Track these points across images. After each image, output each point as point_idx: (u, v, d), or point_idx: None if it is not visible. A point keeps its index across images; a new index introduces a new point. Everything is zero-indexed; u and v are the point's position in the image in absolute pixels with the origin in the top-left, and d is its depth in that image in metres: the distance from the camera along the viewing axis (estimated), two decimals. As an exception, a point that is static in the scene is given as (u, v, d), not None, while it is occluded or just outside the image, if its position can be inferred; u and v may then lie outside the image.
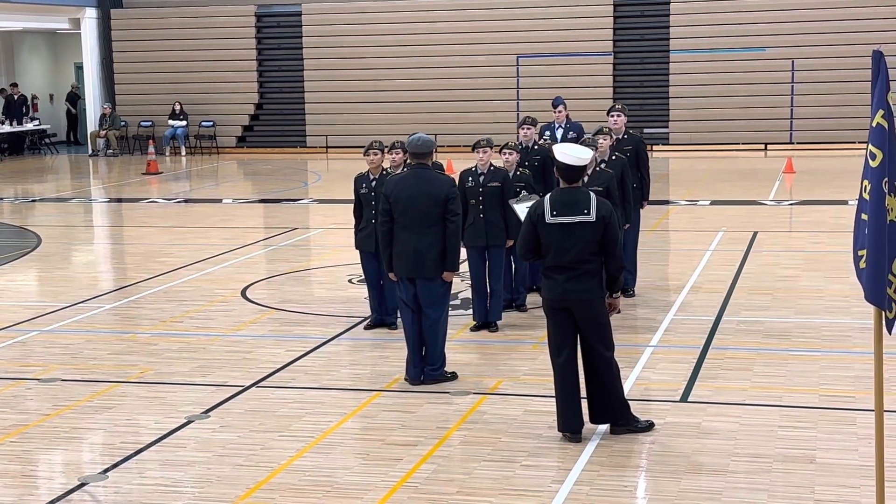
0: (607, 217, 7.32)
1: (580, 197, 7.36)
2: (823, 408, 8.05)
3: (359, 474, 7.00)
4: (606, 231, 7.32)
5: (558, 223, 7.33)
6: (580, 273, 7.32)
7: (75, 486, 6.91)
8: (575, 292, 7.33)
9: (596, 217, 7.30)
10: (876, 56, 5.48)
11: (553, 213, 7.35)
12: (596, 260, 7.37)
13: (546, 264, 7.48)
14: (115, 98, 31.99)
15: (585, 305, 7.36)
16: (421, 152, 8.81)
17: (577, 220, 7.30)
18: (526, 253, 7.58)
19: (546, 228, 7.36)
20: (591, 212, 7.30)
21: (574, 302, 7.36)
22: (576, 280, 7.33)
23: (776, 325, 10.49)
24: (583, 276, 7.32)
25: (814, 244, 14.87)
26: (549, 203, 7.40)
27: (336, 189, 22.59)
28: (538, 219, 7.40)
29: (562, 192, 7.42)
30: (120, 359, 9.87)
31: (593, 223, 7.30)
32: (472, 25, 29.84)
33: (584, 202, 7.33)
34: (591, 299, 7.37)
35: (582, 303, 7.35)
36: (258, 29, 31.57)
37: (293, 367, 9.47)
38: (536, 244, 7.46)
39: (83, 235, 18.38)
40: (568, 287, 7.34)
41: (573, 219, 7.30)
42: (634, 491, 6.73)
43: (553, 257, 7.39)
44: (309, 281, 13.54)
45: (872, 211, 5.43)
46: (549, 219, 7.35)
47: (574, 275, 7.33)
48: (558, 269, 7.37)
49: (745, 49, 28.37)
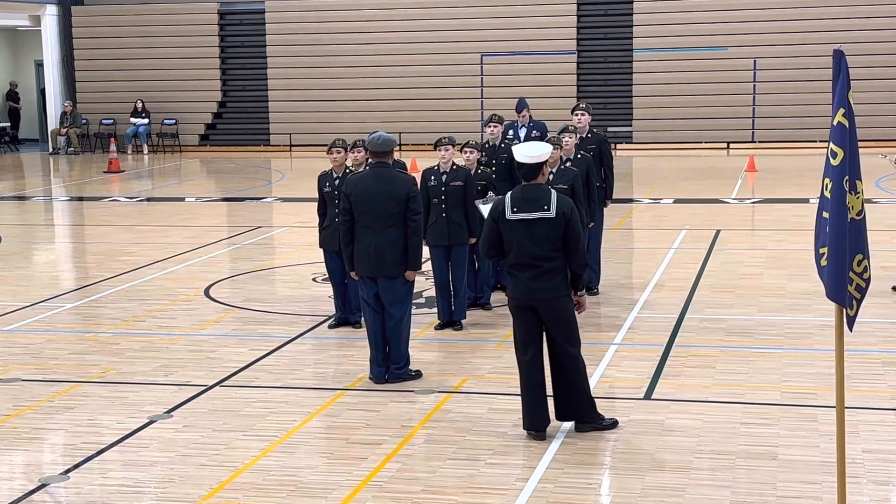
0: (568, 213, 7.29)
1: (540, 193, 7.34)
2: (785, 405, 8.11)
3: (323, 473, 6.98)
4: (567, 227, 7.28)
5: (518, 220, 7.30)
6: (544, 271, 7.29)
7: (36, 487, 6.84)
8: (539, 291, 7.31)
9: (556, 213, 7.26)
10: (837, 55, 5.51)
11: (513, 209, 7.32)
12: (559, 257, 7.33)
13: (509, 262, 7.45)
14: (76, 95, 31.75)
15: (550, 304, 7.33)
16: (381, 151, 8.79)
17: (538, 216, 7.27)
18: (488, 251, 7.53)
19: (507, 225, 7.34)
20: (552, 208, 7.27)
21: (539, 300, 7.33)
22: (540, 278, 7.30)
23: (739, 323, 10.55)
24: (546, 274, 7.29)
25: (776, 242, 14.98)
26: (510, 200, 7.38)
27: (300, 187, 22.51)
28: (499, 216, 7.38)
29: (522, 189, 7.39)
30: (81, 358, 9.79)
31: (553, 219, 7.26)
32: (436, 24, 29.85)
33: (545, 198, 7.31)
34: (556, 297, 7.34)
35: (547, 301, 7.32)
36: (221, 26, 31.42)
37: (257, 366, 9.42)
38: (498, 242, 7.43)
39: (44, 234, 18.21)
40: (532, 285, 7.31)
41: (533, 215, 7.28)
42: (599, 488, 6.75)
43: (515, 255, 7.36)
44: (273, 280, 13.49)
45: (833, 209, 5.47)
46: (510, 215, 7.32)
47: (537, 272, 7.30)
48: (521, 267, 7.35)
49: (707, 48, 28.53)
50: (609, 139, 12.42)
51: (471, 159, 10.79)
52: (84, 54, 31.77)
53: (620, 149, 27.89)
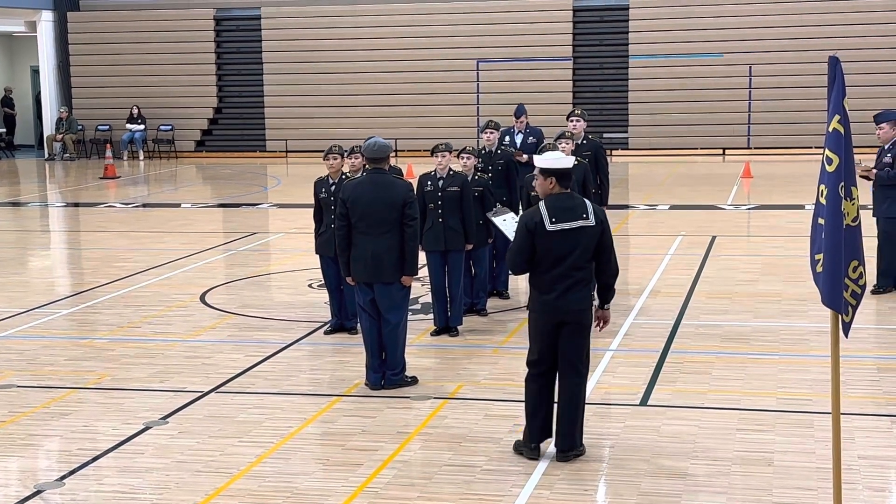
0: (604, 220, 7.17)
1: (576, 202, 7.15)
2: (781, 411, 8.11)
3: (319, 480, 6.97)
4: (604, 235, 7.15)
5: (560, 230, 7.04)
6: (576, 281, 7.09)
7: (31, 493, 6.83)
8: (572, 302, 7.08)
9: (595, 221, 7.10)
10: (832, 62, 5.53)
11: (553, 220, 7.04)
12: (588, 267, 7.15)
13: (541, 275, 7.13)
14: (71, 101, 31.72)
15: (580, 315, 7.12)
16: (377, 157, 8.80)
17: (578, 224, 7.07)
18: (521, 264, 7.19)
19: (546, 237, 7.04)
20: (590, 216, 7.10)
21: (570, 312, 7.10)
22: (573, 289, 7.08)
23: (734, 329, 10.56)
24: (579, 284, 7.10)
25: (771, 248, 14.99)
26: (547, 210, 7.08)
27: (296, 193, 22.50)
28: (536, 227, 7.05)
29: (557, 199, 7.13)
30: (77, 364, 9.78)
31: (593, 227, 7.09)
32: (432, 30, 29.86)
33: (581, 207, 7.12)
34: (587, 308, 7.17)
35: (578, 313, 7.10)
36: (217, 32, 31.41)
37: (252, 372, 9.42)
38: (532, 255, 7.12)
39: (39, 240, 18.19)
40: (566, 298, 7.07)
41: (573, 224, 7.06)
42: (594, 495, 6.75)
43: (551, 267, 7.08)
44: (268, 286, 13.48)
45: (829, 215, 5.48)
46: (550, 226, 7.03)
47: (568, 284, 7.08)
48: (556, 280, 7.08)
49: (703, 55, 28.56)
50: (605, 145, 12.42)
51: (468, 165, 10.80)
52: (80, 60, 31.75)
53: (616, 155, 27.90)
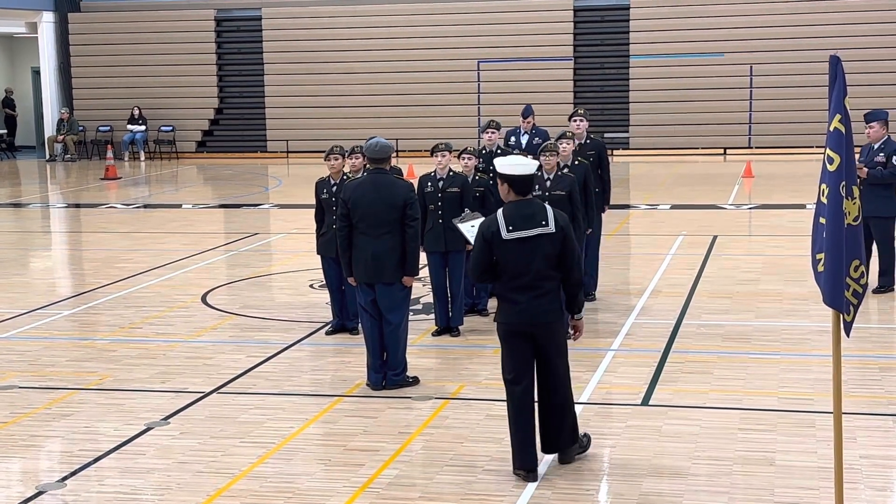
0: (566, 228, 6.86)
1: (536, 208, 6.88)
2: (783, 410, 8.11)
3: (320, 480, 6.97)
4: (565, 243, 6.85)
5: (516, 238, 6.79)
6: (544, 291, 6.83)
7: (33, 494, 6.84)
8: (541, 314, 6.83)
9: (555, 228, 6.81)
10: (833, 61, 5.53)
11: (509, 228, 6.80)
12: (556, 276, 6.88)
13: (501, 285, 6.92)
14: (72, 102, 31.73)
15: (551, 327, 6.89)
16: (378, 157, 8.80)
17: (536, 232, 6.80)
18: (481, 275, 6.97)
19: (503, 246, 6.80)
20: (550, 223, 6.82)
21: (539, 325, 6.85)
22: (540, 300, 6.83)
23: (736, 329, 10.56)
24: (547, 295, 6.84)
25: (773, 248, 14.98)
26: (504, 218, 6.84)
27: (297, 194, 22.51)
28: (492, 236, 6.82)
29: (516, 206, 6.87)
30: (78, 365, 9.78)
31: (553, 234, 6.80)
32: (432, 30, 29.87)
33: (541, 213, 6.85)
34: (558, 320, 6.91)
35: (548, 325, 6.87)
36: (218, 33, 31.41)
37: (254, 372, 9.42)
38: (492, 265, 6.90)
39: (41, 241, 18.20)
40: (533, 308, 6.82)
41: (532, 232, 6.79)
42: (596, 494, 6.75)
43: (512, 276, 6.84)
44: (270, 286, 13.49)
45: (830, 214, 5.48)
46: (506, 235, 6.80)
47: (536, 294, 6.81)
48: (519, 290, 6.83)
49: (704, 54, 28.56)
50: (606, 145, 12.42)
51: (468, 166, 10.79)
52: (81, 61, 31.76)
53: (617, 155, 27.90)
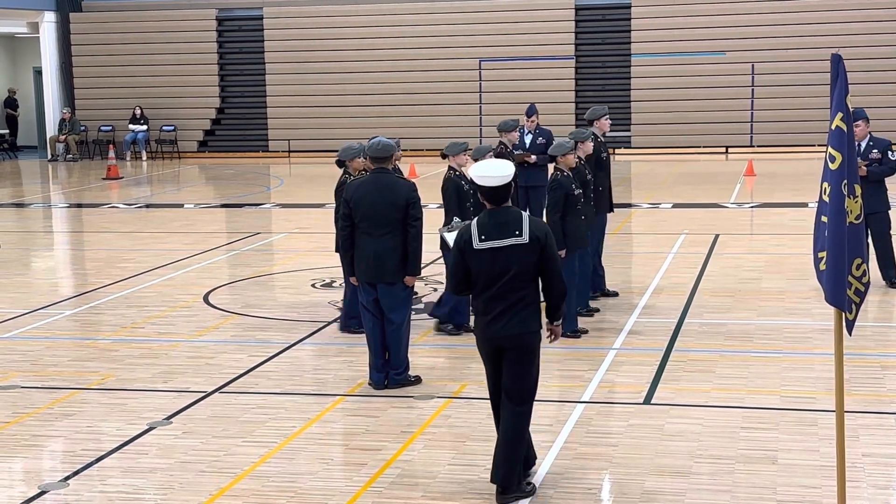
0: (542, 237, 6.48)
1: (510, 217, 6.49)
2: (785, 409, 8.11)
3: (323, 479, 6.97)
4: (543, 253, 6.46)
5: (488, 248, 6.46)
6: (513, 303, 6.47)
7: (35, 494, 6.84)
8: (508, 326, 6.48)
9: (529, 238, 6.44)
10: (835, 59, 5.52)
11: (481, 237, 6.48)
12: (530, 288, 6.52)
13: (475, 296, 6.63)
14: (74, 102, 31.73)
15: (518, 340, 6.50)
16: (381, 156, 8.80)
17: (509, 243, 6.44)
18: (457, 285, 6.66)
19: (475, 256, 6.48)
20: (524, 233, 6.45)
21: (506, 337, 6.50)
22: (509, 311, 6.48)
23: (738, 327, 10.55)
24: (516, 306, 6.47)
25: (775, 246, 14.98)
26: (477, 227, 6.52)
27: (298, 193, 22.52)
28: (465, 245, 6.52)
29: (489, 214, 6.53)
30: (80, 365, 9.78)
31: (526, 245, 6.44)
32: (434, 29, 29.86)
33: (516, 223, 6.47)
34: (526, 332, 6.52)
35: (515, 337, 6.49)
36: (219, 33, 31.41)
37: (256, 372, 9.42)
38: (467, 275, 6.57)
39: (43, 241, 18.21)
40: (501, 321, 6.49)
41: (504, 242, 6.44)
42: (598, 493, 6.75)
43: (484, 287, 6.52)
44: (272, 286, 13.49)
45: (832, 213, 5.48)
46: (478, 244, 6.47)
47: (507, 305, 6.47)
48: (491, 301, 6.51)
49: (705, 53, 28.54)
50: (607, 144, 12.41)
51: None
52: (82, 61, 31.77)
53: (619, 154, 27.88)
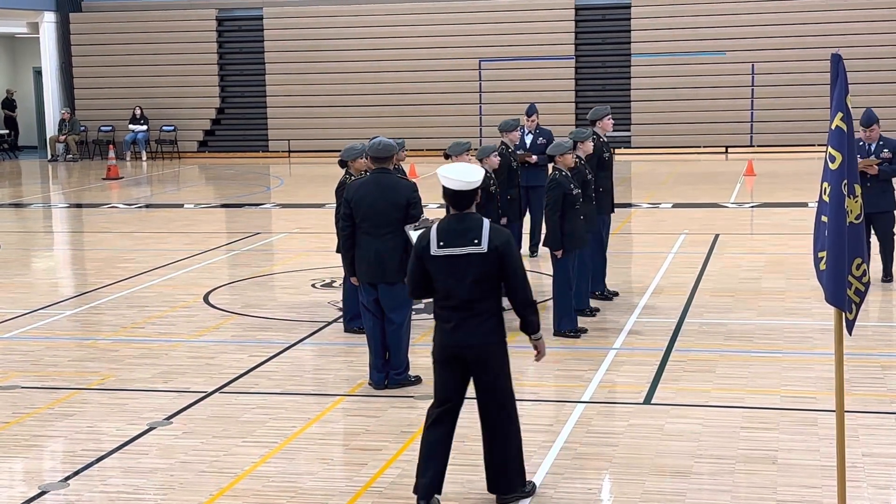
0: (502, 247, 6.23)
1: (471, 224, 6.28)
2: (785, 409, 8.11)
3: (323, 479, 6.97)
4: (503, 263, 6.24)
5: (445, 255, 6.27)
6: (473, 314, 6.27)
7: (35, 494, 6.84)
8: (467, 337, 6.28)
9: (488, 247, 6.22)
10: (835, 59, 5.52)
11: (440, 243, 6.29)
12: (492, 299, 6.30)
13: (434, 304, 6.46)
14: (74, 102, 31.73)
15: (479, 352, 6.31)
16: (382, 156, 8.80)
17: (466, 251, 6.24)
18: (414, 290, 6.54)
19: (432, 262, 6.30)
20: (483, 241, 6.23)
21: (466, 348, 6.30)
22: (468, 322, 6.27)
23: (738, 327, 10.55)
24: (476, 318, 6.27)
25: (775, 246, 14.98)
26: (436, 232, 6.33)
27: (298, 193, 22.52)
28: (423, 251, 6.35)
29: (449, 220, 6.35)
30: (80, 365, 9.78)
31: (484, 255, 6.22)
32: (434, 29, 29.86)
33: (475, 230, 6.25)
34: (486, 344, 6.31)
35: (475, 349, 6.30)
36: (219, 33, 31.41)
37: (256, 372, 9.42)
38: (425, 280, 6.40)
39: (43, 241, 18.21)
40: (460, 332, 6.29)
41: (461, 250, 6.24)
42: (598, 493, 6.75)
43: (442, 296, 6.35)
44: (272, 286, 13.49)
45: (832, 213, 5.48)
46: (435, 251, 6.29)
47: (466, 315, 6.27)
48: (449, 310, 6.32)
49: (705, 53, 28.54)
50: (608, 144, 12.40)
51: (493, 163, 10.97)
52: (82, 61, 31.76)
53: (619, 153, 27.87)
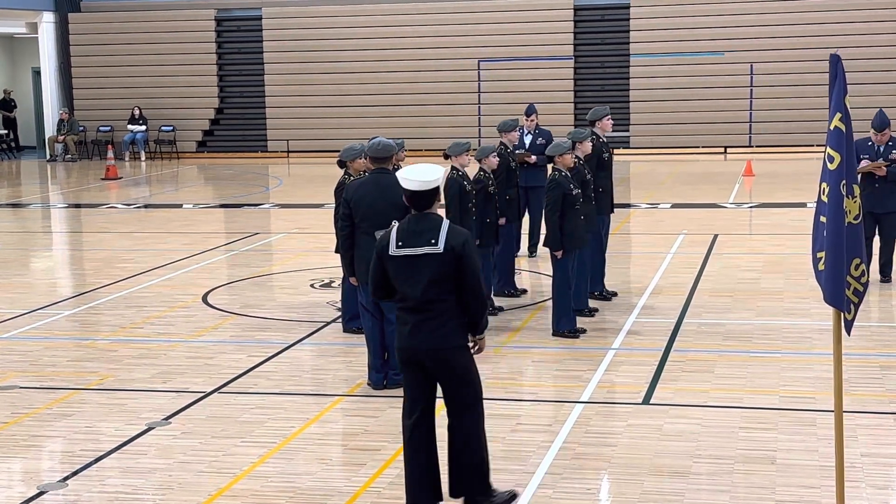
0: (459, 248, 6.15)
1: (429, 225, 6.23)
2: (784, 409, 8.11)
3: (321, 479, 6.97)
4: (460, 264, 6.15)
5: (403, 256, 6.21)
6: (431, 316, 6.19)
7: (34, 494, 6.84)
8: (426, 340, 6.20)
9: (444, 248, 6.15)
10: (833, 60, 5.53)
11: (398, 243, 6.24)
12: (450, 300, 6.21)
13: (396, 304, 6.39)
14: (73, 103, 31.73)
15: (438, 355, 6.22)
16: (381, 156, 8.80)
17: (423, 251, 6.18)
18: (375, 290, 6.48)
19: (391, 262, 6.26)
20: (439, 242, 6.16)
21: (424, 352, 6.23)
22: (426, 324, 6.20)
23: (737, 327, 10.56)
24: (434, 320, 6.19)
25: (773, 246, 14.98)
26: (396, 233, 6.29)
27: (297, 194, 22.52)
28: (382, 251, 6.30)
29: (409, 220, 6.29)
30: (79, 365, 9.78)
31: (440, 255, 6.15)
32: (433, 29, 29.86)
33: (433, 231, 6.20)
34: (444, 348, 6.23)
35: (433, 352, 6.22)
36: (218, 33, 31.41)
37: (255, 372, 9.42)
38: (385, 280, 6.36)
39: (42, 241, 18.20)
40: (418, 334, 6.22)
41: (418, 250, 6.18)
42: (597, 493, 6.75)
43: (401, 297, 6.29)
44: (271, 286, 13.48)
45: (831, 213, 5.48)
46: (394, 251, 6.24)
47: (423, 318, 6.20)
48: (407, 312, 6.26)
49: (704, 53, 28.55)
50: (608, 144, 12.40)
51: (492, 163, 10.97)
52: (81, 61, 31.76)
53: (618, 154, 27.87)
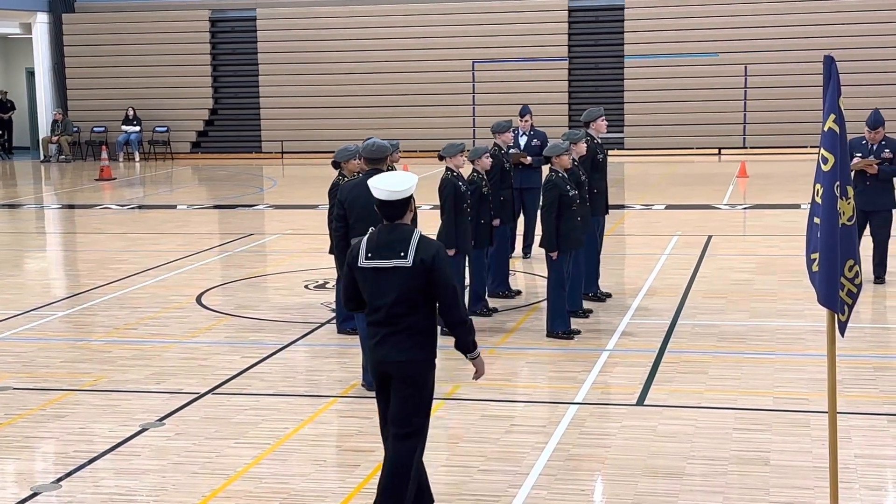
0: (429, 261, 5.91)
1: (400, 236, 5.98)
2: (778, 410, 8.12)
3: (315, 481, 6.97)
4: (431, 278, 5.93)
5: (371, 267, 6.00)
6: (398, 329, 5.98)
7: (27, 495, 6.83)
8: (393, 353, 5.99)
9: (413, 261, 5.91)
10: (827, 61, 5.53)
11: (367, 255, 6.02)
12: (419, 314, 5.99)
13: (366, 317, 6.20)
14: (66, 103, 31.69)
15: (400, 369, 6.00)
16: (375, 157, 8.78)
17: (392, 264, 5.94)
18: (347, 302, 6.28)
19: (360, 274, 6.04)
20: (409, 255, 5.93)
21: (389, 364, 6.02)
22: (393, 338, 5.99)
23: (731, 329, 10.57)
24: (402, 333, 5.98)
25: (767, 248, 15.00)
26: (365, 243, 6.08)
27: (291, 194, 22.50)
28: (353, 261, 6.09)
29: (379, 231, 6.07)
30: (73, 366, 9.77)
31: (409, 269, 5.91)
32: (428, 30, 29.87)
33: (403, 243, 5.95)
34: (408, 361, 6.00)
35: (397, 366, 5.99)
36: (212, 34, 31.40)
37: (249, 373, 9.41)
38: (357, 292, 6.15)
39: (35, 242, 18.17)
40: (383, 348, 6.02)
41: (387, 263, 5.95)
42: (591, 495, 6.75)
43: (370, 310, 6.08)
44: (265, 287, 13.47)
45: (825, 215, 5.49)
46: (363, 262, 6.02)
47: (390, 332, 5.99)
48: (377, 325, 6.05)
49: (698, 54, 28.58)
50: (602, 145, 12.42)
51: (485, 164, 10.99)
52: (75, 62, 31.73)
53: (612, 155, 27.85)
